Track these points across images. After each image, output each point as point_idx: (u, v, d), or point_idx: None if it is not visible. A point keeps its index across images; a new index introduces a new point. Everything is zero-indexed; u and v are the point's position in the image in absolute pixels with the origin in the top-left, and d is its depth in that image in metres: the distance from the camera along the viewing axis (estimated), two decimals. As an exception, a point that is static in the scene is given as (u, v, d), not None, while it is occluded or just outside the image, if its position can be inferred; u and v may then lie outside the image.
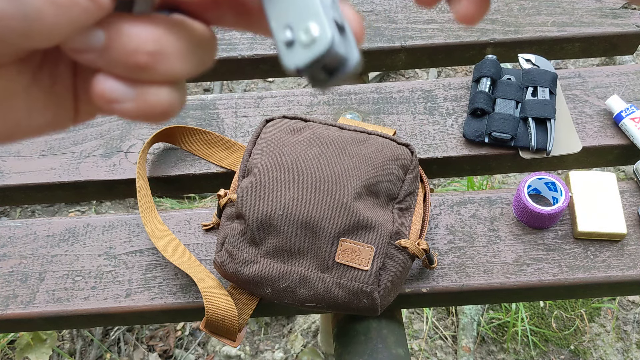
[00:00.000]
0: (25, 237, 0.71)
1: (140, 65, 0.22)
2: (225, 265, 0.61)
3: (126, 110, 0.22)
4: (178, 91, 0.23)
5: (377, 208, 0.61)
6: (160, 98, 0.23)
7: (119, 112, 0.22)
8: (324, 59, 0.21)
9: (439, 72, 1.80)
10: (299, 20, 0.21)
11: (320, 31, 0.21)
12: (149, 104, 0.22)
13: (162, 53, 0.22)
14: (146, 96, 0.22)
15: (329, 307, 0.60)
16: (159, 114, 0.23)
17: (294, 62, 0.21)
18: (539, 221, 0.67)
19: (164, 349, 1.33)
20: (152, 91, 0.22)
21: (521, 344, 1.32)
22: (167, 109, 0.23)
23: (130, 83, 0.22)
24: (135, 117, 0.22)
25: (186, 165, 0.75)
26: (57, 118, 0.25)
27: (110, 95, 0.22)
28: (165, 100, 0.23)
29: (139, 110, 0.22)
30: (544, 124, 0.74)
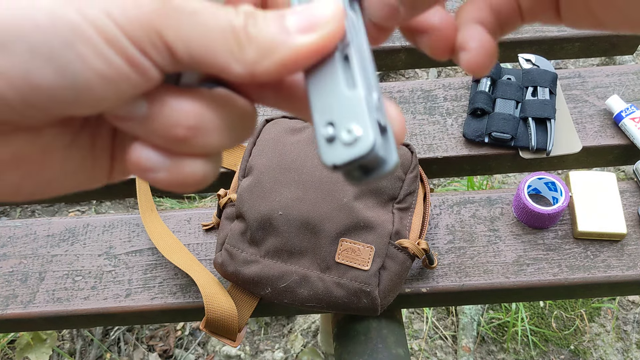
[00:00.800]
0: (25, 237, 0.71)
1: (179, 138, 0.22)
2: (225, 265, 0.61)
3: (159, 180, 0.22)
4: (212, 163, 0.23)
5: (377, 208, 0.61)
6: (194, 170, 0.22)
7: (151, 181, 0.22)
8: (362, 160, 0.21)
9: (439, 72, 1.80)
10: (343, 119, 0.21)
11: (363, 132, 0.21)
12: (182, 176, 0.22)
13: (202, 128, 0.22)
14: (180, 168, 0.22)
15: (329, 307, 0.60)
16: (192, 185, 0.23)
17: (332, 160, 0.21)
18: (539, 221, 0.67)
19: (164, 348, 1.33)
20: (186, 163, 0.22)
21: (521, 343, 1.32)
22: (199, 181, 0.23)
23: (166, 154, 0.22)
24: (167, 187, 0.22)
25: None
26: (91, 177, 0.24)
27: (145, 164, 0.22)
28: (199, 172, 0.23)
29: (171, 181, 0.22)
30: (544, 124, 0.74)
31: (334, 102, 0.22)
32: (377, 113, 0.22)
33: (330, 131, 0.21)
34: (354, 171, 0.22)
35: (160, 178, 0.22)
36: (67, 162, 0.23)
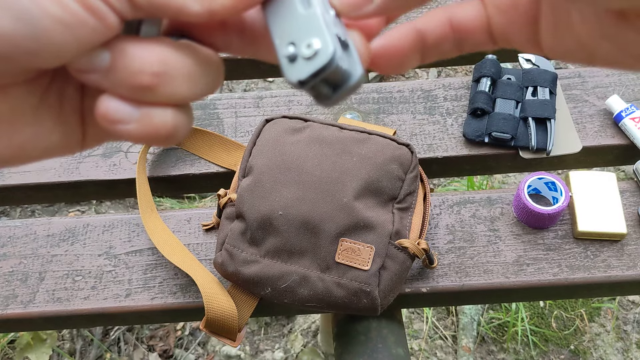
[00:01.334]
0: (25, 237, 0.71)
1: (144, 85, 0.21)
2: (225, 265, 0.61)
3: (130, 131, 0.22)
4: (184, 114, 0.23)
5: (377, 208, 0.61)
6: (165, 120, 0.22)
7: (123, 133, 0.22)
8: (325, 71, 0.21)
9: (439, 72, 1.80)
10: (302, 37, 0.22)
11: (322, 44, 0.21)
12: (153, 126, 0.22)
13: (167, 74, 0.22)
14: (150, 117, 0.22)
15: (329, 307, 0.60)
16: (163, 136, 0.22)
17: (296, 76, 0.22)
18: (539, 221, 0.67)
19: (164, 348, 1.33)
20: (156, 112, 0.22)
21: (521, 343, 1.32)
22: (171, 131, 0.23)
23: (135, 104, 0.22)
24: (139, 139, 0.22)
25: (186, 165, 0.75)
26: (64, 141, 0.24)
27: (113, 115, 0.22)
28: (170, 122, 0.22)
29: (143, 132, 0.22)
30: (544, 123, 0.74)
31: (292, 24, 0.22)
32: (335, 28, 0.22)
33: (292, 50, 0.22)
34: (321, 87, 0.22)
35: (131, 129, 0.22)
36: (37, 124, 0.23)
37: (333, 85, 0.22)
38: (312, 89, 0.22)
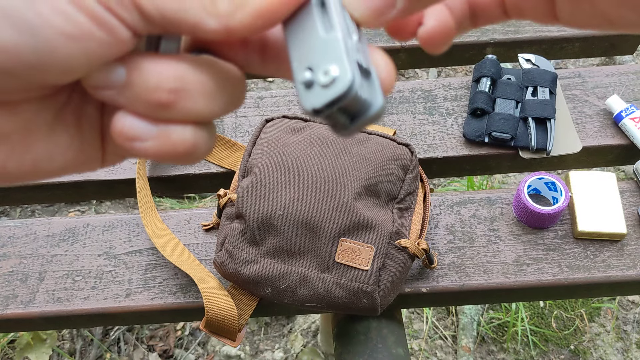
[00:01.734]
0: (25, 237, 0.71)
1: (162, 103, 0.21)
2: (225, 265, 0.61)
3: (148, 149, 0.21)
4: (204, 131, 0.22)
5: (377, 208, 0.61)
6: (184, 138, 0.21)
7: (140, 151, 0.21)
8: (342, 100, 0.20)
9: (439, 72, 1.80)
10: (321, 62, 0.21)
11: (341, 72, 0.20)
12: (171, 144, 0.21)
13: (185, 90, 0.21)
14: (168, 135, 0.21)
15: (329, 307, 0.60)
16: (182, 154, 0.22)
17: (311, 103, 0.20)
18: (539, 221, 0.67)
19: (164, 348, 1.33)
20: (174, 130, 0.21)
21: (521, 343, 1.32)
22: (191, 149, 0.22)
23: (152, 121, 0.21)
24: (158, 157, 0.21)
25: (186, 165, 0.75)
26: (81, 158, 0.23)
27: (129, 132, 0.21)
28: (190, 139, 0.22)
29: (161, 150, 0.21)
30: (544, 123, 0.74)
31: (312, 48, 0.21)
32: (356, 54, 0.21)
33: (308, 75, 0.21)
34: (338, 116, 0.21)
35: (149, 147, 0.21)
36: (53, 141, 0.22)
37: (351, 114, 0.21)
38: (328, 118, 0.21)
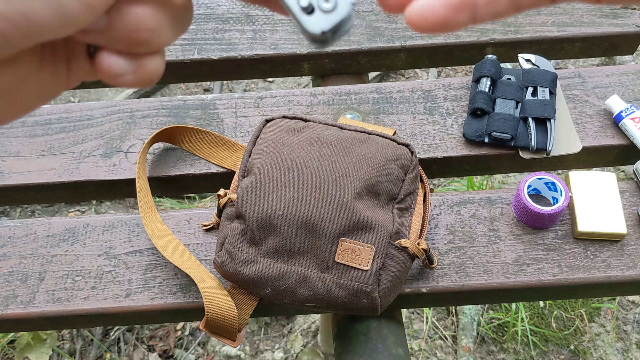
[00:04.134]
0: (25, 237, 0.71)
1: (141, 41, 0.24)
2: (225, 265, 0.61)
3: (128, 81, 0.25)
4: (163, 56, 0.26)
5: (377, 208, 0.61)
6: (156, 66, 0.25)
7: (123, 84, 0.25)
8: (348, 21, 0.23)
9: (439, 72, 1.80)
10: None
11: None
12: (147, 73, 0.25)
13: (159, 28, 0.24)
14: (144, 67, 0.25)
15: (329, 307, 0.60)
16: (153, 81, 0.25)
17: (320, 27, 0.23)
18: (539, 221, 0.67)
19: (164, 348, 1.33)
20: (148, 61, 0.25)
21: (521, 344, 1.32)
22: (159, 75, 0.25)
23: (130, 57, 0.24)
24: (133, 85, 0.25)
25: (186, 165, 0.75)
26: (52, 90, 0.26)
27: (116, 71, 0.24)
28: (160, 67, 0.25)
29: (138, 80, 0.25)
30: (544, 124, 0.74)
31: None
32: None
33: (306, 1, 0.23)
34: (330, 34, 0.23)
35: (130, 80, 0.25)
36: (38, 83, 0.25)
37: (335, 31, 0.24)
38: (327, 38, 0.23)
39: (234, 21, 0.88)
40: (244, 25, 0.88)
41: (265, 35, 0.86)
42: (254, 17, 0.89)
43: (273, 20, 0.88)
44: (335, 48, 0.84)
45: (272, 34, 0.86)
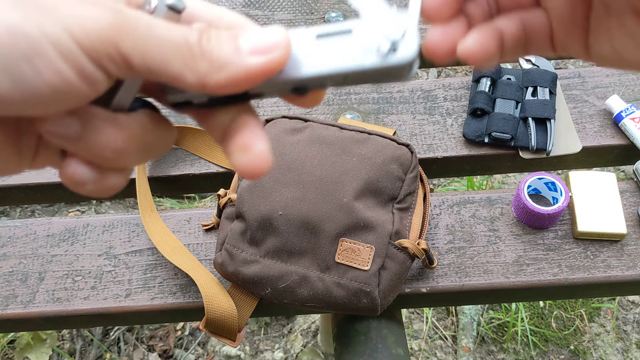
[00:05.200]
0: (25, 237, 0.71)
1: (105, 158, 0.25)
2: (225, 265, 0.61)
3: (86, 190, 0.26)
4: (128, 174, 0.27)
5: (377, 208, 0.61)
6: (116, 182, 0.26)
7: (81, 192, 0.26)
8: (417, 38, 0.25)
9: (439, 72, 1.80)
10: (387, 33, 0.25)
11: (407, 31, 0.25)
12: (105, 187, 0.26)
13: (128, 150, 0.25)
14: (105, 180, 0.26)
15: (329, 307, 0.60)
16: (109, 194, 0.26)
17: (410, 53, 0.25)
18: (539, 221, 0.67)
19: (164, 348, 1.33)
20: (110, 176, 0.26)
21: (521, 344, 1.32)
22: (116, 190, 0.26)
23: (94, 168, 0.25)
24: (89, 195, 0.26)
25: (186, 165, 0.75)
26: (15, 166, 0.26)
27: (78, 179, 0.25)
28: (119, 183, 0.26)
29: (97, 191, 0.26)
30: (544, 124, 0.74)
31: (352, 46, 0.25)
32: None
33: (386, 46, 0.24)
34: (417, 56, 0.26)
35: (89, 189, 0.26)
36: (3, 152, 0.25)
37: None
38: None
39: (234, 21, 0.88)
40: (244, 25, 0.88)
41: (265, 35, 0.86)
42: (254, 17, 0.89)
43: (273, 20, 0.88)
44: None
45: (272, 34, 0.86)
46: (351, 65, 0.25)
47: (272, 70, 0.24)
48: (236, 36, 0.25)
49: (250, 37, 0.25)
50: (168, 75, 0.23)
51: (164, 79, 0.24)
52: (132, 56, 0.22)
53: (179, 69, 0.23)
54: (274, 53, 0.24)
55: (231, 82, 0.24)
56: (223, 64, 0.24)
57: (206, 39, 0.24)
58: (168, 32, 0.23)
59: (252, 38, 0.25)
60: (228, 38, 0.25)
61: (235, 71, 0.24)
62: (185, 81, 0.24)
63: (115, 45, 0.22)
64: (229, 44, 0.24)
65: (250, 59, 0.24)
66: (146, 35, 0.23)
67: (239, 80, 0.24)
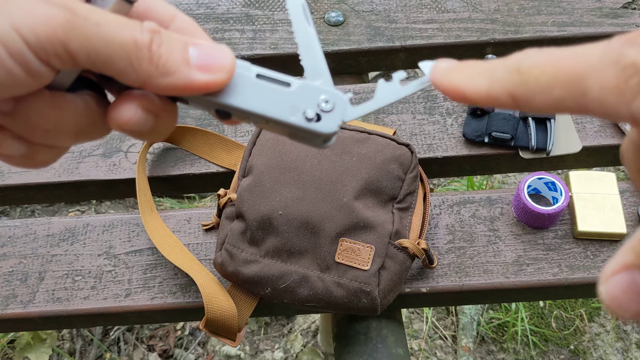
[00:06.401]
0: (25, 236, 0.71)
1: (36, 135, 0.25)
2: (225, 265, 0.61)
3: (15, 163, 0.26)
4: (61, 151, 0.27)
5: (377, 208, 0.61)
6: (45, 158, 0.27)
7: (9, 164, 0.26)
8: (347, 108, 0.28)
9: (439, 72, 1.80)
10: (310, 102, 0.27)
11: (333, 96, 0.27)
12: (35, 162, 0.26)
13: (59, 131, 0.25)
14: (35, 156, 0.26)
15: (329, 306, 0.60)
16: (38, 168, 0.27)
17: (335, 124, 0.27)
18: (539, 221, 0.67)
19: (164, 348, 1.33)
20: (40, 152, 0.26)
21: (521, 343, 1.32)
22: (46, 165, 0.27)
23: (24, 143, 0.25)
24: (19, 166, 0.27)
25: (186, 165, 0.75)
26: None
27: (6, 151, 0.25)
28: (49, 159, 0.27)
29: (25, 164, 0.26)
30: (543, 123, 0.74)
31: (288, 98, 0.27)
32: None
33: (310, 114, 0.27)
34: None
35: (15, 162, 0.26)
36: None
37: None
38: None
39: (234, 21, 0.88)
40: (243, 25, 0.88)
41: (265, 35, 0.86)
42: (254, 17, 0.89)
43: (273, 20, 0.88)
44: (335, 48, 0.84)
45: (272, 34, 0.86)
46: (276, 115, 0.27)
47: (212, 89, 0.25)
48: (186, 45, 0.25)
49: (201, 51, 0.25)
50: (111, 71, 0.24)
51: (105, 73, 0.24)
52: (78, 54, 0.23)
53: (123, 68, 0.24)
54: (219, 74, 0.25)
55: (171, 89, 0.25)
56: (169, 71, 0.24)
57: (157, 43, 0.24)
58: (117, 32, 0.23)
59: (202, 52, 0.25)
60: (178, 46, 0.25)
61: (178, 81, 0.25)
62: (128, 79, 0.24)
63: (63, 45, 0.22)
64: (178, 52, 0.25)
65: (195, 74, 0.25)
66: (95, 34, 0.23)
67: (178, 88, 0.25)
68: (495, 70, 0.23)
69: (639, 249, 0.20)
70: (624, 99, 0.19)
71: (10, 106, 0.24)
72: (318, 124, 0.26)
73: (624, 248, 0.21)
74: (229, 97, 0.27)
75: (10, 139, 0.25)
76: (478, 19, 0.86)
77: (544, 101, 0.21)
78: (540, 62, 0.22)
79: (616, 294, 0.20)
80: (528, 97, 0.22)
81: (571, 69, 0.21)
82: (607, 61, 0.20)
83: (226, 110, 0.27)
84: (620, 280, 0.20)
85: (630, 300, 0.20)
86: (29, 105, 0.24)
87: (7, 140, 0.25)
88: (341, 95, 0.27)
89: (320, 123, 0.26)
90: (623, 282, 0.20)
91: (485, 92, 0.23)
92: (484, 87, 0.23)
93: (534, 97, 0.21)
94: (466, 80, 0.24)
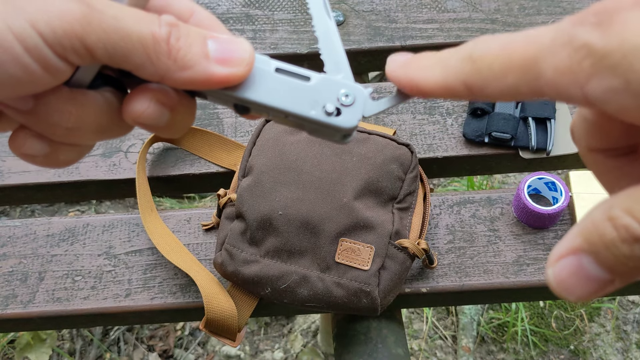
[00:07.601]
0: (25, 236, 0.71)
1: (57, 134, 0.25)
2: (225, 265, 0.61)
3: (36, 163, 0.26)
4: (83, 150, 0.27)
5: (377, 208, 0.61)
6: (68, 157, 0.26)
7: (31, 163, 0.26)
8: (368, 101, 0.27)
9: (439, 72, 1.80)
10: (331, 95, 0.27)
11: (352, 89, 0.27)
12: (56, 161, 0.26)
13: (80, 129, 0.25)
14: (56, 155, 0.26)
15: (329, 307, 0.60)
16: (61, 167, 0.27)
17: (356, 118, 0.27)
18: (539, 221, 0.67)
19: (164, 348, 1.33)
20: (62, 151, 0.26)
21: (521, 343, 1.32)
22: (68, 165, 0.27)
23: (45, 141, 0.25)
24: (40, 166, 0.26)
25: (186, 165, 0.75)
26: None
27: (27, 152, 0.25)
28: (71, 159, 0.27)
29: (47, 164, 0.26)
30: (544, 123, 0.74)
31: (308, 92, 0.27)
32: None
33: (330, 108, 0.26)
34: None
35: (38, 162, 0.26)
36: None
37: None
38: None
39: (234, 21, 0.88)
40: (244, 25, 0.88)
41: (265, 35, 0.86)
42: (254, 17, 0.89)
43: (273, 20, 0.88)
44: (335, 48, 0.84)
45: (272, 34, 0.86)
46: (295, 109, 0.26)
47: (231, 82, 0.25)
48: (205, 38, 0.25)
49: (219, 44, 0.25)
50: (129, 65, 0.24)
51: (123, 67, 0.24)
52: (96, 49, 0.23)
53: (141, 62, 0.23)
54: (238, 67, 0.25)
55: (190, 83, 0.24)
56: (188, 65, 0.24)
57: (175, 37, 0.24)
58: (135, 26, 0.23)
59: (220, 46, 0.25)
60: (197, 39, 0.25)
61: (197, 75, 0.24)
62: (146, 73, 0.24)
63: (81, 40, 0.22)
64: (197, 46, 0.24)
65: (215, 67, 0.24)
66: (112, 28, 0.23)
67: (197, 82, 0.25)
68: (449, 60, 0.22)
69: (586, 233, 0.20)
70: (578, 81, 0.19)
71: (30, 104, 0.24)
72: (338, 118, 0.26)
73: (572, 231, 0.21)
74: (247, 91, 0.26)
75: (32, 138, 0.25)
76: (478, 19, 0.86)
77: (498, 88, 0.21)
78: (493, 48, 0.21)
79: (563, 277, 0.21)
80: (482, 86, 0.21)
81: (524, 52, 0.20)
82: (559, 42, 0.19)
83: (245, 105, 0.27)
84: (568, 263, 0.21)
85: (576, 283, 0.20)
86: (49, 103, 0.24)
87: (29, 139, 0.25)
88: (362, 89, 0.26)
89: (340, 117, 0.26)
90: (570, 265, 0.20)
91: (441, 84, 0.23)
92: (439, 79, 0.23)
93: (488, 85, 0.21)
94: (421, 72, 0.23)
